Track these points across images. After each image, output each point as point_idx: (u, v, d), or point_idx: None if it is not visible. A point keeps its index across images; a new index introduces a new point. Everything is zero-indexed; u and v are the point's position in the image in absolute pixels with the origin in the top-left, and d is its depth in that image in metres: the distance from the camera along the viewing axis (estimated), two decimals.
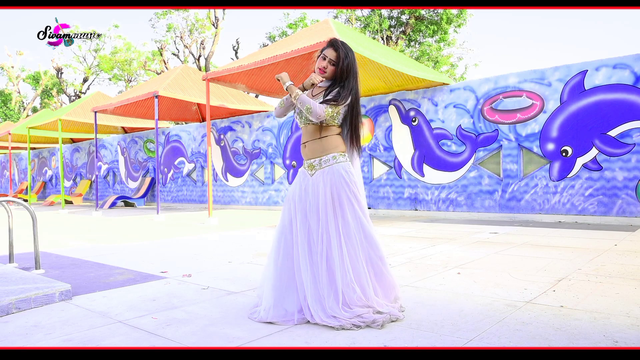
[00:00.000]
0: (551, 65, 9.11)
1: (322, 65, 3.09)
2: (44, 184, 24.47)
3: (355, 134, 3.16)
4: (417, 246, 6.00)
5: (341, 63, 3.06)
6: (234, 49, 28.72)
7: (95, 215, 12.92)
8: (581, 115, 8.59)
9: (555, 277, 4.08)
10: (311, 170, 3.11)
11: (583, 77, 8.60)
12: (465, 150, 9.98)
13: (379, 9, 23.30)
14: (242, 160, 14.52)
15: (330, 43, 3.13)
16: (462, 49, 26.27)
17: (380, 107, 11.34)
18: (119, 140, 19.41)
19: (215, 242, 6.84)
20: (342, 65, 3.06)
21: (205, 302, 3.54)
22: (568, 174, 8.75)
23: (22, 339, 2.83)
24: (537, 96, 9.06)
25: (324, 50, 3.12)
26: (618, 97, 8.26)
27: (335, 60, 3.08)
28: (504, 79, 9.55)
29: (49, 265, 5.16)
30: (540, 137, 9.04)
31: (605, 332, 2.68)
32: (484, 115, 9.73)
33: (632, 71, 8.17)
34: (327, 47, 3.13)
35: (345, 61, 3.06)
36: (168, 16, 28.38)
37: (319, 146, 3.10)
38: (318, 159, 3.10)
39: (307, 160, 3.16)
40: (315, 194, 3.04)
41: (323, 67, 3.08)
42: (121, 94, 21.27)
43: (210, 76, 10.15)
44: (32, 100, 37.72)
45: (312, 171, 3.11)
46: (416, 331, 2.77)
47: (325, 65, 3.08)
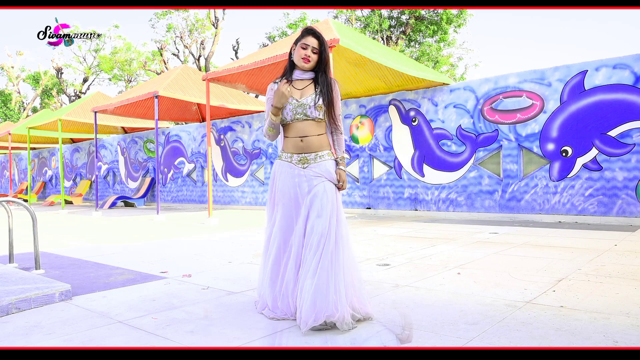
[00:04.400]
0: (551, 66, 9.12)
1: (305, 54, 3.06)
2: (44, 184, 24.47)
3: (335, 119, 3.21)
4: (417, 246, 6.00)
5: (324, 51, 3.08)
6: (233, 49, 28.73)
7: (95, 215, 12.92)
8: (581, 115, 8.59)
9: (556, 277, 4.08)
10: (303, 164, 3.10)
11: (583, 77, 8.60)
12: (465, 151, 9.97)
13: (379, 9, 23.31)
14: (242, 160, 14.52)
15: (308, 31, 3.11)
16: (462, 49, 26.28)
17: (380, 107, 11.32)
18: (119, 141, 19.41)
19: (215, 242, 6.84)
20: (325, 52, 3.09)
21: (205, 302, 3.54)
22: (568, 174, 8.74)
23: (22, 339, 2.83)
24: (537, 96, 9.06)
25: (302, 39, 3.10)
26: (618, 97, 8.25)
27: (318, 47, 3.08)
28: (504, 79, 9.55)
29: (49, 266, 5.16)
30: (540, 137, 9.04)
31: (605, 332, 2.68)
32: (484, 115, 9.73)
33: (632, 71, 8.16)
34: (305, 35, 3.10)
35: (326, 48, 3.10)
36: (168, 16, 28.38)
37: (316, 142, 3.10)
38: (314, 153, 3.10)
39: (300, 154, 3.11)
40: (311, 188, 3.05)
41: (307, 55, 3.06)
42: (121, 94, 21.26)
43: (210, 76, 10.15)
44: (32, 101, 37.72)
45: (304, 165, 3.10)
46: (416, 331, 2.77)
47: (309, 54, 3.06)
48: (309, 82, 3.15)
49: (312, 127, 3.10)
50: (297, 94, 3.11)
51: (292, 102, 3.06)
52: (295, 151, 3.12)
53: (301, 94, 3.11)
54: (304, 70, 3.13)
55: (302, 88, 3.13)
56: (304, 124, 3.09)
